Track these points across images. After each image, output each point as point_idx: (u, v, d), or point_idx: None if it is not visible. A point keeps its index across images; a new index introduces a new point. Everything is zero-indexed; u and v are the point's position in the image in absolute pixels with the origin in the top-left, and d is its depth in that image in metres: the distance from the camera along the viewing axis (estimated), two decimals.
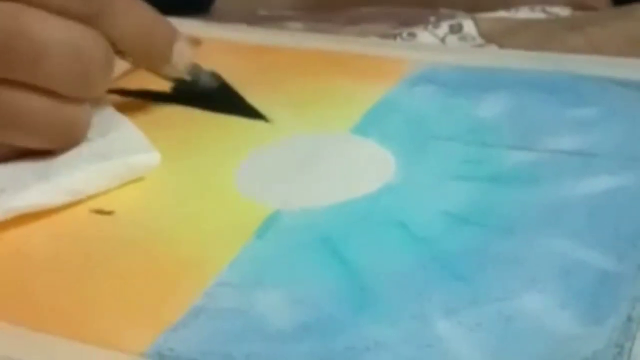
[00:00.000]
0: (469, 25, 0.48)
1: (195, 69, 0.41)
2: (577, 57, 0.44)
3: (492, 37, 0.45)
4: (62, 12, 0.33)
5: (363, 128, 0.39)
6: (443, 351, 0.26)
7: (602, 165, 0.35)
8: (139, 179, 0.36)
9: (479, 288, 0.29)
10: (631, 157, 0.35)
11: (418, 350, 0.26)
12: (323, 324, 0.28)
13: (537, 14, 0.51)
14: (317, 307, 0.29)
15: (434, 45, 0.46)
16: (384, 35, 0.47)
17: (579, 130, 0.38)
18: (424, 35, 0.46)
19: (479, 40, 0.45)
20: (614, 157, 0.35)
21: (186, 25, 0.48)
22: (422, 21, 0.49)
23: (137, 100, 0.43)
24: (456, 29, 0.46)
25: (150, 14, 0.39)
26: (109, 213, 0.34)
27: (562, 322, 0.27)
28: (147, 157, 0.36)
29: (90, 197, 0.35)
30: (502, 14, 0.51)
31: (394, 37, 0.47)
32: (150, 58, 0.39)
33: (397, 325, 0.27)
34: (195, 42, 0.49)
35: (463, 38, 0.46)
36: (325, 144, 0.39)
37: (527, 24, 0.50)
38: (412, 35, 0.47)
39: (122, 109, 0.43)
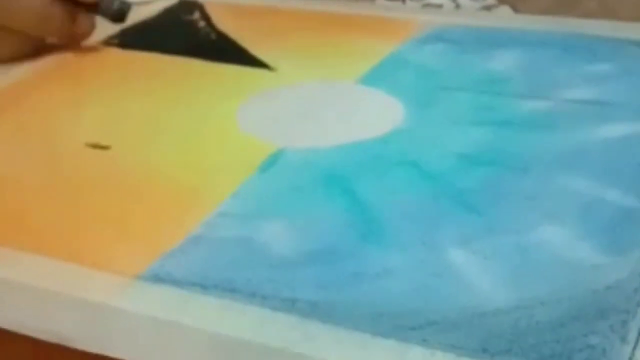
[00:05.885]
0: None
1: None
2: (590, 21, 0.43)
3: None
4: None
5: (371, 79, 0.38)
6: (456, 277, 0.25)
7: (619, 113, 0.34)
8: (136, 117, 0.35)
9: (494, 221, 0.27)
10: None
11: (429, 277, 0.25)
12: (329, 251, 0.26)
13: None
14: (323, 236, 0.27)
15: (444, 8, 0.45)
16: None
17: (594, 83, 0.36)
18: None
19: (491, 0, 0.44)
20: (629, 107, 0.34)
21: None
22: None
23: (139, 52, 0.42)
24: None
25: None
26: (105, 147, 0.33)
27: (582, 252, 0.26)
28: None
29: (87, 133, 0.34)
30: None
31: None
32: None
33: (406, 252, 0.26)
34: None
35: None
36: (332, 91, 0.37)
37: None
38: None
39: (124, 60, 0.42)
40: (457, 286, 0.25)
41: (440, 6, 0.46)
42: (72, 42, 0.43)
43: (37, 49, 0.42)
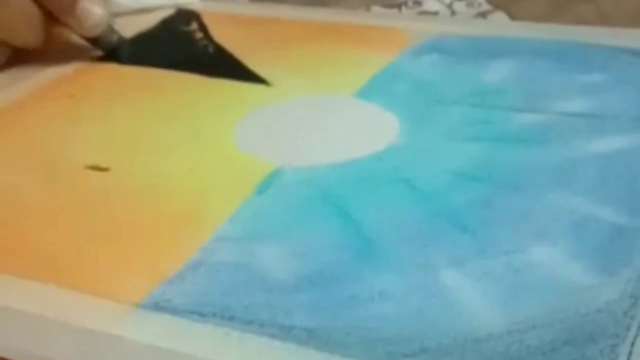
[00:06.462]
0: None
1: (107, 30, 0.44)
2: (586, 28, 0.43)
3: (500, 3, 0.44)
4: None
5: (367, 93, 0.38)
6: (449, 301, 0.25)
7: (612, 126, 0.34)
8: (134, 135, 0.36)
9: (486, 241, 0.28)
10: None
11: (423, 300, 0.25)
12: (325, 275, 0.27)
13: None
14: (319, 259, 0.28)
15: (439, 16, 0.45)
16: (389, 4, 0.46)
17: (588, 94, 0.37)
18: (430, 3, 0.45)
19: (486, 7, 0.44)
20: (624, 119, 0.34)
21: None
22: None
23: (137, 68, 0.43)
24: None
25: None
26: (104, 169, 0.33)
27: (573, 273, 0.26)
28: None
29: (85, 153, 0.34)
30: None
31: (399, 6, 0.46)
32: (59, 13, 0.43)
33: (401, 275, 0.26)
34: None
35: (470, 4, 0.45)
36: (328, 106, 0.38)
37: None
38: (417, 3, 0.46)
39: (122, 76, 0.42)
40: (451, 310, 0.25)
41: (436, 13, 0.46)
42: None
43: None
